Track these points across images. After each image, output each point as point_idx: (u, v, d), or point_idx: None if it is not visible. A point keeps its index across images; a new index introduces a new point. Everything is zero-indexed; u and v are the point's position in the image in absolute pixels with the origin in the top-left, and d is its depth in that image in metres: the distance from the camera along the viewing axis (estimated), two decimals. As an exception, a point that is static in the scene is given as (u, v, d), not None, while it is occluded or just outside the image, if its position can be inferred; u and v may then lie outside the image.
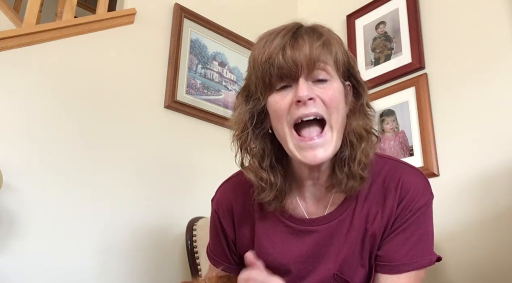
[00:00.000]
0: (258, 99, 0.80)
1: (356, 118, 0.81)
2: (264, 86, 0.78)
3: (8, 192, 1.33)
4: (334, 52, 0.77)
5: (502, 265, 1.40)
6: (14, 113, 1.42)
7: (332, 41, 0.78)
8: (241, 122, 0.83)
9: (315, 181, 0.84)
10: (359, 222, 0.82)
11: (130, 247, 1.56)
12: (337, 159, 0.81)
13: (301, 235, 0.84)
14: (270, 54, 0.76)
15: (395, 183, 0.82)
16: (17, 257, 1.32)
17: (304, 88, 0.74)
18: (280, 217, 0.87)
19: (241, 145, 0.84)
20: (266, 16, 2.30)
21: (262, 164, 0.82)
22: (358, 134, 0.80)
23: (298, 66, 0.74)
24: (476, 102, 1.59)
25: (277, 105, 0.77)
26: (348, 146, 0.80)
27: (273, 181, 0.81)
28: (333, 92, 0.76)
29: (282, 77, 0.76)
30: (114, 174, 1.58)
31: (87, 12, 4.01)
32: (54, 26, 1.57)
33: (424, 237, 0.82)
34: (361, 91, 0.83)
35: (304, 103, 0.74)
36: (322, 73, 0.76)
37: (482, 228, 1.47)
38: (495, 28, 1.60)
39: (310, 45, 0.75)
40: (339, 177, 0.80)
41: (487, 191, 1.49)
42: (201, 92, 1.92)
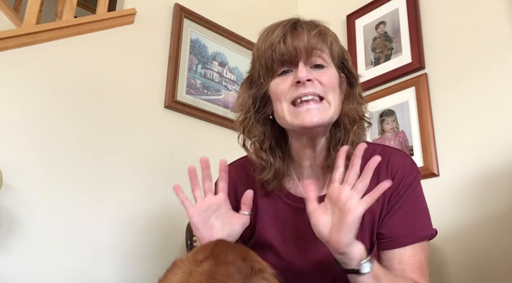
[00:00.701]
0: (261, 84, 0.89)
1: (349, 103, 0.89)
2: (266, 72, 0.87)
3: (8, 192, 1.33)
4: (329, 42, 0.86)
5: (502, 265, 1.40)
6: (14, 113, 1.42)
7: (327, 32, 0.88)
8: (245, 106, 0.91)
9: (312, 161, 0.91)
10: None
11: (130, 247, 1.56)
12: (332, 140, 0.89)
13: (300, 212, 0.87)
14: (272, 42, 0.85)
15: (385, 164, 0.88)
16: (17, 257, 1.32)
17: (303, 70, 0.82)
18: (281, 196, 0.93)
19: (244, 127, 0.91)
20: (266, 16, 2.30)
21: (263, 145, 0.90)
22: (352, 118, 0.88)
23: (297, 52, 0.83)
24: (476, 102, 1.59)
25: (278, 86, 0.85)
26: (342, 128, 0.88)
27: (272, 162, 0.89)
28: (329, 76, 0.85)
29: (283, 62, 0.85)
30: (114, 174, 1.58)
31: (87, 12, 4.01)
32: (54, 26, 1.57)
33: (421, 211, 0.88)
34: (354, 82, 0.92)
35: (303, 83, 0.82)
36: (319, 60, 0.85)
37: (482, 227, 1.47)
38: (495, 28, 1.60)
39: (308, 34, 0.84)
40: (333, 157, 0.86)
41: (487, 191, 1.49)
42: (201, 92, 1.92)
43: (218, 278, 0.57)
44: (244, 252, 0.64)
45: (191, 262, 0.63)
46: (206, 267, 0.60)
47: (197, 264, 0.63)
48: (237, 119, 0.93)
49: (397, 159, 0.89)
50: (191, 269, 0.61)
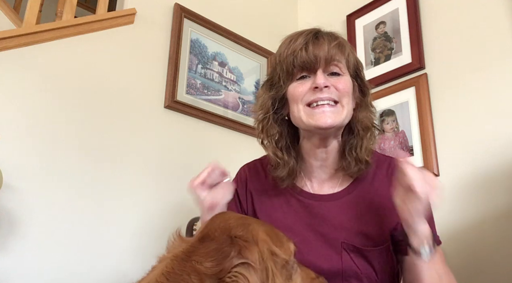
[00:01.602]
0: (280, 86, 0.95)
1: (363, 111, 0.97)
2: (287, 75, 0.94)
3: (8, 192, 1.33)
4: (346, 53, 0.94)
5: (502, 265, 1.40)
6: (14, 113, 1.42)
7: (345, 45, 0.95)
8: (264, 107, 0.98)
9: (323, 162, 0.98)
10: (368, 199, 0.95)
11: (130, 247, 1.56)
12: (347, 145, 0.96)
13: (311, 208, 0.96)
14: (295, 49, 0.92)
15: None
16: (17, 257, 1.32)
17: (322, 77, 0.90)
18: (293, 193, 0.99)
19: (263, 126, 0.98)
20: (266, 16, 2.30)
21: (278, 144, 0.97)
22: (365, 125, 0.96)
23: (317, 60, 0.90)
24: (476, 102, 1.59)
25: (296, 90, 0.93)
26: (356, 135, 0.96)
27: (287, 160, 0.96)
28: (345, 82, 0.93)
29: (303, 68, 0.92)
30: (114, 174, 1.58)
31: (87, 12, 4.01)
32: (54, 26, 1.57)
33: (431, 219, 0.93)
34: (365, 90, 0.99)
35: (320, 89, 0.89)
36: (336, 68, 0.93)
37: (482, 227, 1.47)
38: (495, 28, 1.60)
39: (329, 44, 0.92)
40: (348, 160, 0.95)
41: (487, 191, 1.49)
42: (201, 92, 1.92)
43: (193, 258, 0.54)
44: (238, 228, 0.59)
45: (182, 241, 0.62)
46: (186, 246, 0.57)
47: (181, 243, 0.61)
48: (256, 118, 1.00)
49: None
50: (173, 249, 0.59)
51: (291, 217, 0.96)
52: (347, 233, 0.91)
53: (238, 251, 0.54)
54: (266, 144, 0.99)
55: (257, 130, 1.01)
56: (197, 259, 0.53)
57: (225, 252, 0.54)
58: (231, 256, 0.53)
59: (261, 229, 0.61)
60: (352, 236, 0.91)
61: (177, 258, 0.56)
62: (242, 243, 0.55)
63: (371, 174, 0.98)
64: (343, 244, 0.90)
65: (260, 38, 2.18)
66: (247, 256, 0.54)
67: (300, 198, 0.98)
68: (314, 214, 0.95)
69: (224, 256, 0.53)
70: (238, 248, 0.54)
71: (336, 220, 0.93)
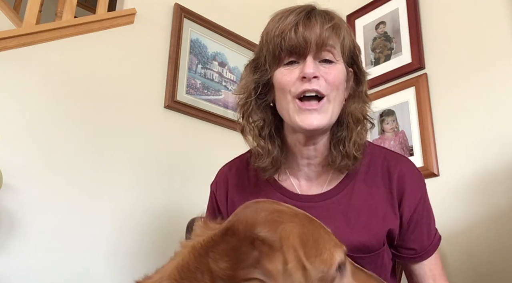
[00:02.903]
0: (266, 70, 0.86)
1: (355, 103, 0.88)
2: (273, 59, 0.84)
3: (8, 192, 1.33)
4: (342, 37, 0.83)
5: (502, 265, 1.40)
6: (14, 113, 1.42)
7: (341, 26, 0.84)
8: (246, 90, 0.88)
9: (310, 160, 0.89)
10: (359, 201, 0.87)
11: (130, 247, 1.56)
12: (334, 138, 0.87)
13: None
14: (283, 29, 0.81)
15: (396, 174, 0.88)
16: (17, 257, 1.32)
17: (311, 66, 0.79)
18: (276, 193, 0.90)
19: (243, 112, 0.89)
20: (266, 16, 2.29)
21: (262, 132, 0.88)
22: (355, 117, 0.86)
23: (307, 44, 0.80)
24: (476, 102, 1.59)
25: (283, 78, 0.82)
26: (345, 127, 0.86)
27: (270, 149, 0.87)
28: (336, 73, 0.82)
29: (291, 52, 0.81)
30: (114, 174, 1.58)
31: (87, 12, 4.01)
32: (54, 26, 1.57)
33: (433, 217, 0.91)
34: (361, 78, 0.89)
35: (309, 80, 0.79)
36: (329, 55, 0.82)
37: (482, 227, 1.47)
38: (495, 28, 1.60)
39: (321, 26, 0.80)
40: (334, 155, 0.86)
41: (487, 191, 1.49)
42: (201, 92, 1.92)
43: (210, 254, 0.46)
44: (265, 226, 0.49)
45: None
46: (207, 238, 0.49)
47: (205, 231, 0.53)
48: (237, 103, 0.90)
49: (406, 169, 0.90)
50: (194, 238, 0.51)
51: None
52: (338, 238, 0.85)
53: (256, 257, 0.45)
54: (245, 132, 0.89)
55: (238, 115, 0.90)
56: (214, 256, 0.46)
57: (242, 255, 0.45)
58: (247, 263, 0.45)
59: (295, 231, 0.50)
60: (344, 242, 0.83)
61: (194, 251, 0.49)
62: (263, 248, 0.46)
63: (364, 169, 0.89)
64: None
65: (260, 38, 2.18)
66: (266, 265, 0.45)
67: (286, 200, 0.87)
68: None
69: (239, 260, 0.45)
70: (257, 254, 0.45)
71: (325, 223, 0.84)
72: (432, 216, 0.92)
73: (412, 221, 0.87)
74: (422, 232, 0.89)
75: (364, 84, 0.90)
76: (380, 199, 0.87)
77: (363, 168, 0.89)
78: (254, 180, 0.92)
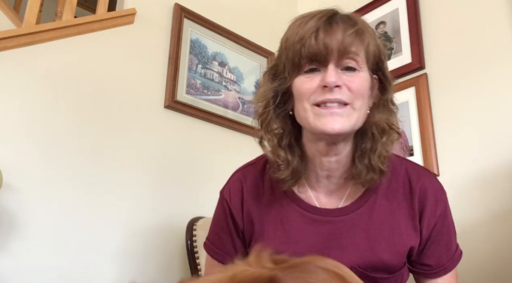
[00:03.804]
0: (285, 78, 0.81)
1: (380, 112, 0.82)
2: (292, 67, 0.79)
3: (8, 192, 1.33)
4: (366, 42, 0.78)
5: (503, 265, 1.40)
6: (14, 113, 1.42)
7: (365, 31, 0.79)
8: (264, 99, 0.84)
9: (330, 172, 0.84)
10: (380, 217, 0.83)
11: (130, 247, 1.56)
12: (358, 150, 0.82)
13: (316, 225, 0.83)
14: (303, 35, 0.77)
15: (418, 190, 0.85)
16: (17, 257, 1.32)
17: (333, 74, 0.74)
18: (293, 205, 0.86)
19: (262, 122, 0.85)
20: (266, 16, 2.30)
21: (281, 142, 0.83)
22: (381, 128, 0.81)
23: (328, 51, 0.75)
24: (476, 102, 1.59)
25: (303, 86, 0.78)
26: (370, 138, 0.81)
27: (290, 160, 0.82)
28: (360, 82, 0.77)
29: (311, 59, 0.77)
30: (114, 174, 1.58)
31: (87, 12, 4.01)
32: (54, 26, 1.57)
33: (454, 232, 0.88)
34: (387, 86, 0.83)
35: (330, 89, 0.74)
36: (352, 62, 0.77)
37: (482, 228, 1.47)
38: (495, 28, 1.60)
39: (343, 32, 0.75)
40: (359, 168, 0.81)
41: (487, 191, 1.49)
42: (201, 92, 1.92)
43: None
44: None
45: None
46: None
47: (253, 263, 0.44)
48: (255, 111, 0.86)
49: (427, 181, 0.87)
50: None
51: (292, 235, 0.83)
52: (358, 258, 0.79)
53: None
54: (265, 143, 0.85)
55: (256, 124, 0.86)
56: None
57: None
58: None
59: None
60: (364, 261, 0.79)
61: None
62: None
63: (385, 183, 0.84)
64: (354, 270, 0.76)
65: (260, 38, 2.18)
66: None
67: (304, 212, 0.84)
68: (319, 232, 0.82)
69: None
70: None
71: (344, 240, 0.81)
72: (453, 232, 0.88)
73: (430, 238, 0.85)
74: (440, 249, 0.86)
75: (390, 92, 0.84)
76: (401, 215, 0.83)
77: (384, 181, 0.84)
78: (270, 190, 0.88)
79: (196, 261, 1.47)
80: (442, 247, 0.86)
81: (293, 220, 0.84)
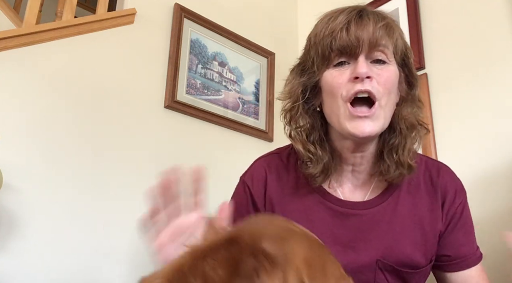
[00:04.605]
0: (314, 73, 0.81)
1: (408, 107, 0.82)
2: (322, 60, 0.79)
3: (8, 192, 1.33)
4: (395, 37, 0.79)
5: (502, 265, 1.40)
6: (14, 113, 1.42)
7: (394, 27, 0.80)
8: (293, 94, 0.84)
9: (355, 167, 0.85)
10: (404, 211, 0.83)
11: (130, 247, 1.56)
12: (386, 146, 0.82)
13: (341, 217, 0.83)
14: (334, 29, 0.77)
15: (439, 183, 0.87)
16: (17, 257, 1.32)
17: (364, 65, 0.75)
18: (319, 198, 0.85)
19: (291, 117, 0.85)
20: (266, 16, 2.30)
21: (310, 137, 0.83)
22: (409, 123, 0.81)
23: (360, 43, 0.75)
24: (476, 102, 1.59)
25: (334, 79, 0.78)
26: (398, 134, 0.81)
27: (321, 155, 0.82)
28: (389, 74, 0.78)
29: (342, 52, 0.77)
30: (114, 174, 1.58)
31: (87, 12, 4.01)
32: (54, 26, 1.57)
33: (472, 228, 0.89)
34: (413, 82, 0.84)
35: (361, 80, 0.75)
36: (382, 55, 0.78)
37: (482, 227, 1.47)
38: (495, 28, 1.60)
39: (374, 25, 0.76)
40: (387, 164, 0.81)
41: (487, 191, 1.49)
42: (201, 92, 1.92)
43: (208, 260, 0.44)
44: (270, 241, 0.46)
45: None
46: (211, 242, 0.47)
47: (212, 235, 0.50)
48: (283, 108, 0.86)
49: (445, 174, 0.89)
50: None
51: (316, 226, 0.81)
52: (383, 251, 0.80)
53: (256, 271, 0.43)
54: (294, 137, 0.85)
55: (284, 121, 0.87)
56: (212, 262, 0.44)
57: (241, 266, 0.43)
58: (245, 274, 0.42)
59: (302, 252, 0.47)
60: (389, 255, 0.80)
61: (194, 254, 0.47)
62: (264, 262, 0.43)
63: (407, 179, 0.85)
64: (379, 262, 0.79)
65: (260, 38, 2.18)
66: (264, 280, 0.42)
67: (328, 204, 0.84)
68: (344, 224, 0.82)
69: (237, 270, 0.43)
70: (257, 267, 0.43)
71: (370, 234, 0.81)
72: (472, 227, 0.89)
73: (448, 227, 0.85)
74: (458, 238, 0.86)
75: (417, 88, 0.85)
76: (424, 209, 0.84)
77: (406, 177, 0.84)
78: (295, 181, 0.88)
79: (196, 261, 1.47)
80: (460, 237, 0.86)
81: (318, 212, 0.84)
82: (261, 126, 2.08)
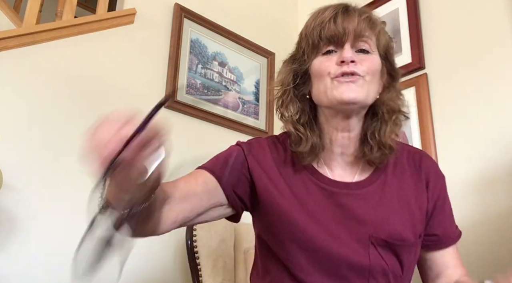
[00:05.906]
0: (304, 61, 0.89)
1: (389, 94, 0.91)
2: (312, 49, 0.88)
3: (8, 192, 1.33)
4: (377, 30, 0.88)
5: (503, 266, 1.40)
6: (14, 113, 1.42)
7: (376, 22, 0.89)
8: (285, 81, 0.92)
9: (343, 149, 0.91)
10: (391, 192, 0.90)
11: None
12: (369, 128, 0.90)
13: (334, 196, 0.88)
14: (323, 20, 0.87)
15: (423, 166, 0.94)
16: (17, 257, 1.32)
17: (349, 51, 0.84)
18: (312, 178, 0.91)
19: (282, 102, 0.92)
20: (266, 16, 2.30)
21: (300, 120, 0.90)
22: (390, 107, 0.90)
23: (346, 33, 0.85)
24: (476, 102, 1.59)
25: (321, 64, 0.86)
26: (380, 117, 0.89)
27: (309, 136, 0.89)
28: (372, 62, 0.86)
29: (330, 41, 0.86)
30: (114, 174, 1.58)
31: (87, 12, 4.01)
32: (54, 26, 1.57)
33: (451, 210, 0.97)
34: (395, 75, 0.94)
35: (347, 63, 0.83)
36: (365, 45, 0.86)
37: (482, 228, 1.47)
38: (495, 28, 1.60)
39: (359, 17, 0.86)
40: (370, 145, 0.88)
41: (487, 191, 1.49)
42: (201, 92, 1.92)
43: None
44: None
45: None
46: None
47: None
48: (275, 95, 0.94)
49: (427, 159, 0.97)
50: None
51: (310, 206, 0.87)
52: (375, 227, 0.85)
53: None
54: (285, 118, 0.92)
55: (276, 106, 0.93)
56: None
57: None
58: None
59: None
60: (381, 231, 0.85)
61: None
62: None
63: (392, 163, 0.92)
64: (372, 238, 0.84)
65: (260, 38, 2.18)
66: None
67: (321, 185, 0.89)
68: (337, 203, 0.87)
69: None
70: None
71: (361, 211, 0.86)
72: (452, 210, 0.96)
73: (435, 208, 0.92)
74: (445, 218, 0.93)
75: (398, 81, 0.94)
76: (410, 190, 0.90)
77: (391, 161, 0.92)
78: (291, 163, 0.93)
79: (196, 261, 1.47)
80: (446, 217, 0.94)
81: (312, 192, 0.89)
82: (261, 126, 2.08)
